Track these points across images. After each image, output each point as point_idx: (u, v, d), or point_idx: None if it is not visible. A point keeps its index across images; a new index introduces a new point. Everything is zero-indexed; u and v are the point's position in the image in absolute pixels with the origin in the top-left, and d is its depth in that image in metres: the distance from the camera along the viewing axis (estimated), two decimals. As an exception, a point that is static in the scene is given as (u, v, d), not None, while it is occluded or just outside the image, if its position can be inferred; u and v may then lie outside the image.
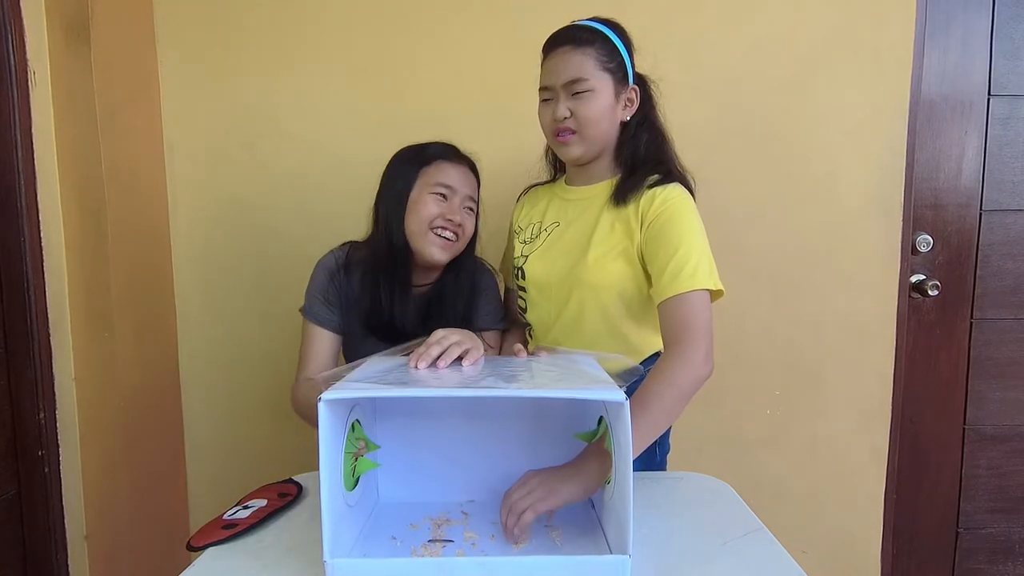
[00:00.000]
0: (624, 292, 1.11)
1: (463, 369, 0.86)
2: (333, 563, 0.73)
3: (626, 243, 1.09)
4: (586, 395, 0.75)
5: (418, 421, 0.96)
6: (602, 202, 1.13)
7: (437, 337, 0.90)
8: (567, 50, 1.09)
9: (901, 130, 1.59)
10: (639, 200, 1.08)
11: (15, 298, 1.25)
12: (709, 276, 1.02)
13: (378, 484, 0.96)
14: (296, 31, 1.57)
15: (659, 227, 1.05)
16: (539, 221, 1.22)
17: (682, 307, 1.00)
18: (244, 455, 1.67)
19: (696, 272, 1.01)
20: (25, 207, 1.24)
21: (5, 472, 1.26)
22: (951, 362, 1.74)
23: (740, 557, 0.82)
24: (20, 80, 1.22)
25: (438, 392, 0.76)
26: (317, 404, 0.74)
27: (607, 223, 1.11)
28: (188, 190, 1.61)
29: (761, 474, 1.67)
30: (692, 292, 1.00)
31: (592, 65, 1.08)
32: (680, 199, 1.07)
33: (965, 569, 1.80)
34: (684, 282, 1.00)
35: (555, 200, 1.22)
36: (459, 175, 1.18)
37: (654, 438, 0.96)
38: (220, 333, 1.65)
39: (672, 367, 0.97)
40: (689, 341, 0.98)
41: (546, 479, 0.87)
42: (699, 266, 1.01)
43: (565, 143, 1.12)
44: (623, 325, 1.13)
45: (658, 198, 1.07)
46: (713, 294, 1.03)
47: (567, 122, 1.09)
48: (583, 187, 1.18)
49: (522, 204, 1.30)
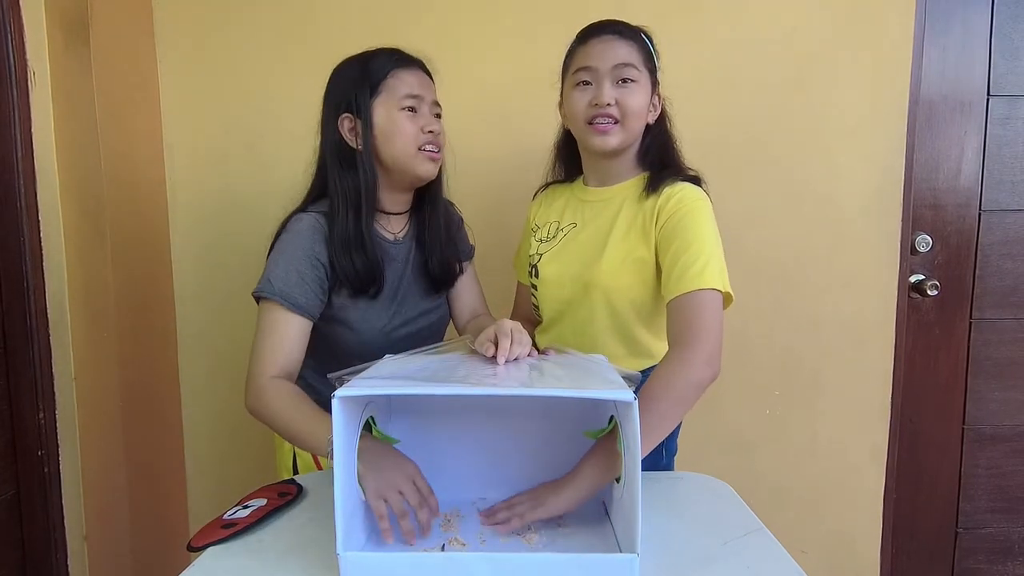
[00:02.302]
0: (635, 299, 1.09)
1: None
2: (346, 556, 0.74)
3: (641, 249, 1.07)
4: (595, 395, 0.76)
5: (430, 419, 0.96)
6: (619, 204, 1.12)
7: (506, 329, 0.90)
8: (614, 38, 1.06)
9: (900, 130, 1.59)
10: (658, 197, 1.07)
11: (15, 298, 1.25)
12: (718, 277, 0.99)
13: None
14: (296, 31, 1.56)
15: (673, 225, 1.04)
16: (557, 220, 1.20)
17: (688, 306, 0.98)
18: (244, 455, 1.67)
19: (704, 271, 0.98)
20: (25, 207, 1.24)
21: (4, 472, 1.26)
22: (950, 362, 1.74)
23: (740, 557, 0.82)
24: (20, 80, 1.22)
25: (450, 390, 0.77)
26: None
27: (623, 226, 1.09)
28: (188, 190, 1.61)
29: (761, 474, 1.67)
30: (700, 291, 0.97)
31: (638, 58, 1.07)
32: (697, 200, 1.05)
33: (964, 569, 1.80)
34: (692, 280, 0.98)
35: (573, 200, 1.20)
36: (418, 80, 1.09)
37: (651, 445, 0.92)
38: (220, 333, 1.65)
39: (670, 370, 0.95)
40: (690, 342, 0.95)
41: (535, 492, 0.89)
42: (708, 265, 0.98)
43: (604, 132, 1.07)
44: (635, 329, 1.11)
45: (675, 196, 1.05)
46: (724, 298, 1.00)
47: (610, 109, 1.05)
48: (602, 188, 1.16)
49: (539, 202, 1.28)
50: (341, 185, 1.07)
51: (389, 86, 1.07)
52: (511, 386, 0.78)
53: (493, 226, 1.47)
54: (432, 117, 1.10)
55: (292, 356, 1.03)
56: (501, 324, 0.92)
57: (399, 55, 1.10)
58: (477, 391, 0.76)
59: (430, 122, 1.09)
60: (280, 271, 1.03)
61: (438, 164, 1.12)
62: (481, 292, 1.30)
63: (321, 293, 1.05)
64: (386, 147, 1.08)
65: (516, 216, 1.37)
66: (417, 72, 1.10)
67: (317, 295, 1.04)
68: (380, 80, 1.07)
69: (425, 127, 1.08)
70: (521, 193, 1.37)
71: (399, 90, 1.07)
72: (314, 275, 1.04)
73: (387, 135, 1.07)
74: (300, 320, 1.03)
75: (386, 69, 1.07)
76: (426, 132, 1.08)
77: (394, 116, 1.07)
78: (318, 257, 1.04)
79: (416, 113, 1.08)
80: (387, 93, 1.07)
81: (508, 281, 1.39)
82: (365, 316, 1.11)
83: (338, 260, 1.05)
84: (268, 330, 1.02)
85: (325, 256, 1.05)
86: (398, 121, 1.06)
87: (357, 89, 1.07)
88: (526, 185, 1.33)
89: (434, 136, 1.09)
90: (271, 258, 1.07)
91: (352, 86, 1.08)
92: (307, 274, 1.03)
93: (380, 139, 1.07)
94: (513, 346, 0.89)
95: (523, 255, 1.28)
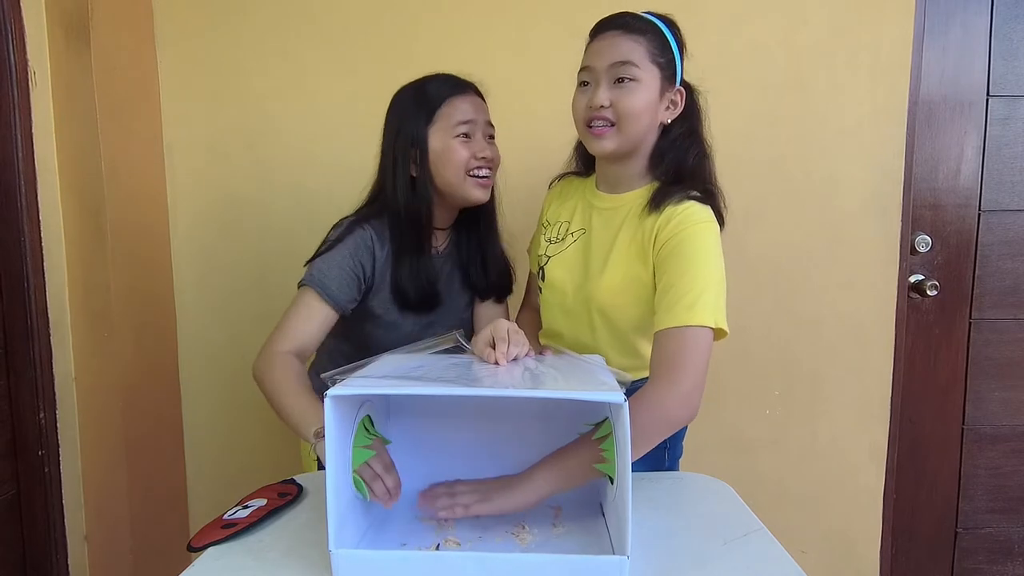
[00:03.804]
0: (633, 318, 1.07)
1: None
2: (337, 553, 0.74)
3: (637, 268, 1.03)
4: (585, 396, 0.76)
5: (426, 419, 0.97)
6: (623, 217, 1.07)
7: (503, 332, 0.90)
8: (617, 34, 1.00)
9: (900, 130, 1.59)
10: (659, 215, 1.00)
11: (15, 298, 1.25)
12: (711, 312, 0.92)
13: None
14: (296, 31, 1.56)
15: (669, 251, 0.98)
16: (567, 221, 1.16)
17: (672, 341, 0.92)
18: (244, 455, 1.67)
19: (695, 305, 0.91)
20: (25, 207, 1.24)
21: (5, 472, 1.26)
22: (950, 362, 1.74)
23: (740, 557, 0.82)
24: (20, 80, 1.22)
25: (444, 390, 0.77)
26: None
27: (625, 240, 1.05)
28: (188, 190, 1.61)
29: (761, 474, 1.67)
30: (687, 328, 0.91)
31: (642, 54, 0.99)
32: (698, 223, 0.98)
33: (964, 569, 1.80)
34: (680, 315, 0.92)
35: (583, 203, 1.15)
36: (472, 106, 1.13)
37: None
38: (220, 333, 1.65)
39: (642, 403, 0.88)
40: (669, 380, 0.90)
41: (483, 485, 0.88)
42: (700, 299, 0.92)
43: (599, 136, 1.02)
44: (635, 342, 1.10)
45: (675, 218, 0.98)
46: (716, 333, 0.93)
47: (605, 111, 1.00)
48: (612, 195, 1.11)
49: (555, 193, 1.23)
50: (401, 206, 1.12)
51: (444, 114, 1.11)
52: (506, 387, 0.78)
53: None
54: (485, 142, 1.14)
55: (310, 339, 1.09)
56: (497, 326, 0.92)
57: (454, 81, 1.15)
58: (472, 392, 0.76)
59: (483, 148, 1.13)
60: (323, 265, 1.10)
61: (488, 189, 1.16)
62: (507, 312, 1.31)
63: (356, 293, 1.11)
64: (439, 173, 1.12)
65: (518, 218, 1.37)
66: (471, 97, 1.14)
67: (351, 294, 1.10)
68: (436, 108, 1.12)
69: (478, 153, 1.12)
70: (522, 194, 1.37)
71: (453, 117, 1.11)
72: (353, 276, 1.10)
73: (441, 161, 1.11)
74: (328, 310, 1.09)
75: (441, 97, 1.12)
76: (479, 158, 1.12)
77: (449, 143, 1.11)
78: (363, 264, 1.10)
79: (470, 139, 1.12)
80: (442, 121, 1.11)
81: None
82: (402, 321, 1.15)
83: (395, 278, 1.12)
84: (297, 310, 1.09)
85: (371, 266, 1.11)
86: (452, 147, 1.11)
87: (414, 118, 1.12)
88: (522, 184, 1.33)
89: (486, 161, 1.13)
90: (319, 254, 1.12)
91: (410, 115, 1.13)
92: (347, 274, 1.09)
93: (435, 165, 1.12)
94: (511, 348, 0.89)
95: (535, 245, 1.25)
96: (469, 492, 0.87)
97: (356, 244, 1.10)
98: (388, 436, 0.93)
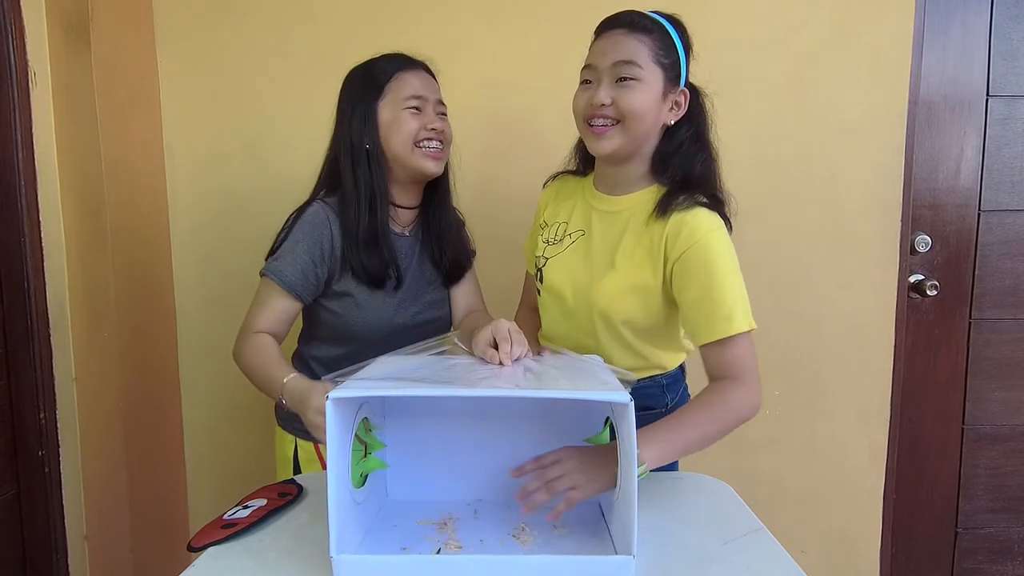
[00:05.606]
0: (636, 323, 1.06)
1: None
2: (339, 559, 0.74)
3: (644, 274, 1.02)
4: (592, 396, 0.76)
5: (426, 420, 0.96)
6: (626, 220, 1.05)
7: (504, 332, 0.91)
8: (621, 32, 1.00)
9: (900, 130, 1.59)
10: (667, 222, 1.00)
11: (15, 298, 1.25)
12: (745, 318, 0.98)
13: (386, 483, 0.97)
14: (296, 31, 1.56)
15: (687, 263, 0.98)
16: (565, 222, 1.14)
17: (725, 353, 0.98)
18: (244, 455, 1.67)
19: (732, 316, 0.96)
20: (25, 207, 1.24)
21: (5, 472, 1.26)
22: (950, 362, 1.74)
23: (740, 557, 0.82)
24: (20, 80, 1.22)
25: (444, 391, 0.77)
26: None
27: (629, 244, 1.04)
28: (188, 190, 1.61)
29: (761, 474, 1.67)
30: (730, 338, 0.97)
31: (645, 54, 0.99)
32: (710, 231, 0.98)
33: (964, 569, 1.80)
34: (722, 328, 0.96)
35: (582, 203, 1.13)
36: (421, 81, 1.15)
37: (678, 456, 0.94)
38: (220, 333, 1.65)
39: (713, 408, 0.97)
40: (732, 384, 0.98)
41: (586, 465, 0.85)
42: (735, 308, 0.96)
43: (600, 135, 1.01)
44: (637, 345, 1.09)
45: (686, 227, 0.98)
46: None
47: (606, 110, 0.99)
48: (613, 197, 1.09)
49: (551, 192, 1.21)
50: (354, 181, 1.13)
51: (393, 88, 1.14)
52: (506, 388, 0.78)
53: (491, 224, 1.47)
54: (436, 116, 1.15)
55: (276, 327, 1.12)
56: (498, 326, 0.93)
57: (402, 58, 1.17)
58: (472, 392, 0.76)
59: (433, 120, 1.14)
60: (282, 254, 1.12)
61: (441, 162, 1.17)
62: (479, 291, 1.33)
63: (315, 279, 1.12)
64: (388, 143, 1.14)
65: (514, 214, 1.37)
66: (420, 74, 1.17)
67: (311, 281, 1.12)
68: (385, 83, 1.14)
69: (427, 124, 1.13)
70: (519, 191, 1.37)
71: (403, 91, 1.13)
72: (311, 261, 1.11)
73: (391, 132, 1.13)
74: (289, 300, 1.11)
75: (390, 72, 1.14)
76: (428, 129, 1.13)
77: (399, 115, 1.13)
78: (322, 246, 1.11)
79: (420, 112, 1.14)
80: (392, 95, 1.14)
81: (506, 278, 1.40)
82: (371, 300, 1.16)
83: (352, 254, 1.12)
84: (260, 302, 1.13)
85: (329, 245, 1.11)
86: (402, 119, 1.12)
87: (365, 93, 1.14)
88: (524, 184, 1.33)
89: (436, 133, 1.14)
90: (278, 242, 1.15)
91: (361, 91, 1.15)
92: (305, 261, 1.10)
93: (385, 137, 1.13)
94: (513, 347, 0.90)
95: (531, 246, 1.24)
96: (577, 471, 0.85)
97: (312, 224, 1.12)
98: (385, 438, 0.93)
